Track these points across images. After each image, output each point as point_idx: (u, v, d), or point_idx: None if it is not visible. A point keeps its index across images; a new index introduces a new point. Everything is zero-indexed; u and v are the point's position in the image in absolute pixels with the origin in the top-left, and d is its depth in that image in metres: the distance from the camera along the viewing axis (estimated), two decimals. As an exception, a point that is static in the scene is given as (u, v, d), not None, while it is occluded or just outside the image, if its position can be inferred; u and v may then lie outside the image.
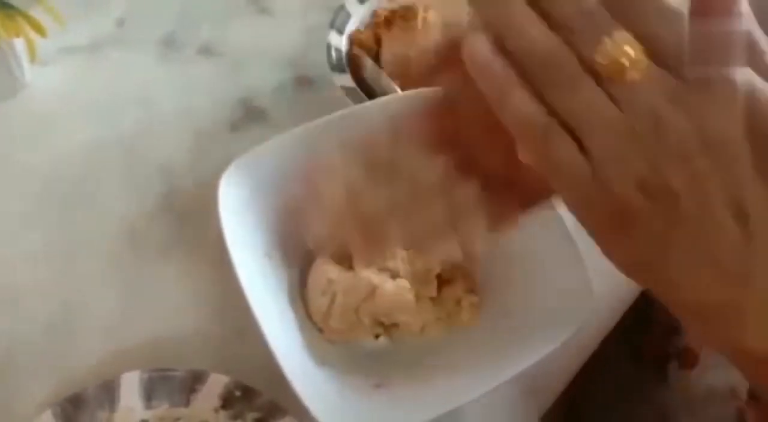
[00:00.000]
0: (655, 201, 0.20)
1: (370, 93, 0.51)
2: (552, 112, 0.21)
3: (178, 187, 0.49)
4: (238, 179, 0.40)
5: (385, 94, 0.49)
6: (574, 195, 0.21)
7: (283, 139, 0.41)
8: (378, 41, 0.54)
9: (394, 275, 0.41)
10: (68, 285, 0.44)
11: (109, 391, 0.40)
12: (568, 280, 0.39)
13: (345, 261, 0.42)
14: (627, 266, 0.22)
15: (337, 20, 0.54)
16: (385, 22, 0.54)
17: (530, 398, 0.44)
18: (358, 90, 0.50)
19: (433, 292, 0.42)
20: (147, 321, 0.43)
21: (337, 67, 0.51)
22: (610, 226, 0.21)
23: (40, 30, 0.47)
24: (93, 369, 0.41)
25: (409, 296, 0.41)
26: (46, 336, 0.42)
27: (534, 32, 0.21)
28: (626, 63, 0.20)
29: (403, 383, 0.39)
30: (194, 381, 0.40)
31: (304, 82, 0.55)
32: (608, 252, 0.22)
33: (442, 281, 0.43)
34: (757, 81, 0.20)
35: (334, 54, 0.52)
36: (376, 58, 0.53)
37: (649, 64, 0.20)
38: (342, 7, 0.54)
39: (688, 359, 0.49)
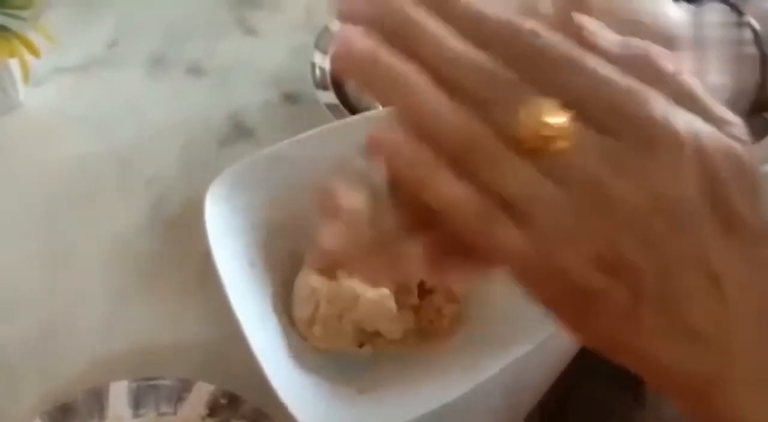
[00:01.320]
0: (614, 277, 0.18)
1: (353, 109, 0.52)
2: (483, 190, 0.18)
3: (167, 200, 0.50)
4: (224, 191, 0.41)
5: (367, 110, 0.51)
6: (525, 278, 0.19)
7: (269, 153, 0.42)
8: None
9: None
10: (57, 295, 0.45)
11: (97, 400, 0.41)
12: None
13: (328, 270, 0.43)
14: (595, 344, 0.20)
15: (321, 40, 0.56)
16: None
17: (512, 401, 0.45)
18: (342, 106, 0.52)
19: (415, 301, 0.43)
20: (135, 331, 0.44)
21: (321, 85, 0.53)
22: (570, 308, 0.19)
23: (34, 51, 0.48)
24: (81, 378, 0.42)
25: (391, 304, 0.42)
26: (35, 345, 0.43)
27: (444, 113, 0.18)
28: (549, 133, 0.18)
29: (385, 389, 0.40)
30: (181, 389, 0.41)
31: (289, 100, 0.57)
32: (572, 333, 0.20)
33: (424, 290, 0.44)
34: (699, 124, 0.18)
35: (318, 72, 0.54)
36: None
37: (577, 128, 0.18)
38: (326, 29, 0.56)
39: None
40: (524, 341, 0.39)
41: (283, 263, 0.44)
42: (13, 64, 0.50)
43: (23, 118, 0.53)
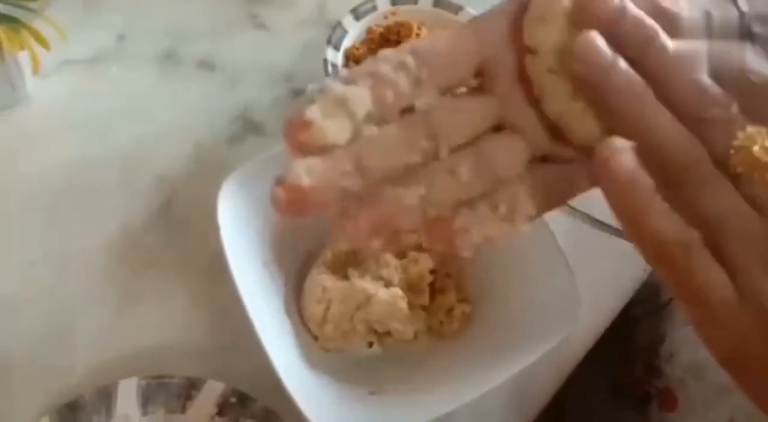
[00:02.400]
0: None
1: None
2: (688, 220, 0.18)
3: (176, 199, 0.50)
4: (236, 189, 0.41)
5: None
6: (719, 324, 0.18)
7: (282, 150, 0.42)
8: (373, 57, 0.55)
9: (388, 284, 0.42)
10: (66, 294, 0.45)
11: (105, 398, 0.40)
12: (557, 290, 0.41)
13: (340, 270, 0.43)
14: None
15: (334, 36, 0.55)
16: (379, 39, 0.56)
17: (520, 405, 0.44)
18: (354, 104, 0.51)
19: (426, 301, 0.43)
20: (144, 329, 0.44)
21: (333, 82, 0.52)
22: (763, 356, 0.18)
23: (43, 43, 0.47)
24: (90, 376, 0.42)
25: (402, 304, 0.41)
26: (43, 343, 0.43)
27: (667, 127, 0.18)
28: (763, 162, 0.18)
29: (396, 390, 0.40)
30: (190, 387, 0.41)
31: (300, 96, 0.56)
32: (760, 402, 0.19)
33: (435, 290, 0.44)
34: None
35: (330, 69, 0.53)
36: (371, 74, 0.54)
37: None
38: (339, 24, 0.56)
39: (668, 401, 0.48)
40: (536, 343, 0.39)
41: (296, 262, 0.44)
42: (22, 55, 0.50)
43: (31, 110, 0.53)
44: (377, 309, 0.41)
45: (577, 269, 0.41)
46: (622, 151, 0.18)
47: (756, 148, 0.18)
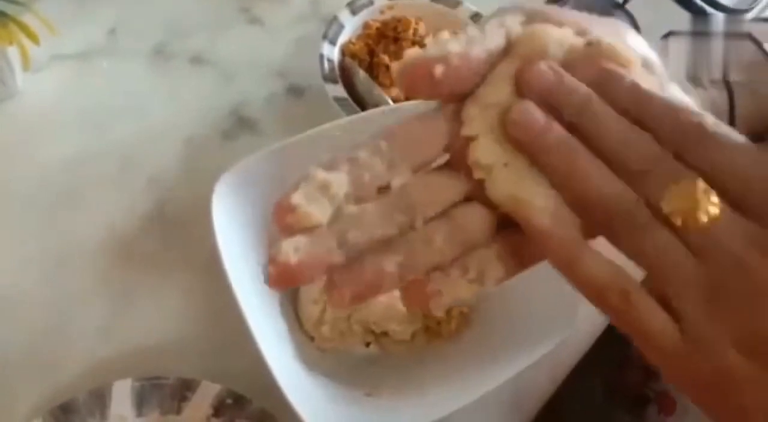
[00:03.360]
0: (760, 363, 0.18)
1: (362, 103, 0.51)
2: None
3: (169, 196, 0.49)
4: (230, 188, 0.40)
5: (377, 105, 0.50)
6: (665, 362, 0.19)
7: (276, 148, 0.41)
8: (370, 52, 0.55)
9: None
10: (58, 294, 0.44)
11: (100, 399, 0.40)
12: (555, 291, 0.40)
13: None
14: None
15: (330, 31, 0.54)
16: (376, 34, 0.55)
17: (518, 407, 0.44)
18: (350, 100, 0.51)
19: (423, 301, 0.43)
20: (138, 330, 0.43)
21: (329, 78, 0.52)
22: (713, 395, 0.19)
23: (33, 38, 0.47)
24: (83, 378, 0.41)
25: (400, 304, 0.41)
26: (36, 344, 0.42)
27: (600, 178, 0.20)
28: (697, 209, 0.18)
29: (392, 392, 0.40)
30: (185, 389, 0.41)
31: (295, 92, 0.56)
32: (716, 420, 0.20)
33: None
34: None
35: (326, 64, 0.52)
36: (369, 69, 0.54)
37: (723, 208, 0.19)
38: (335, 18, 0.55)
39: (667, 404, 0.48)
40: (534, 345, 0.39)
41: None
42: (12, 50, 0.49)
43: (22, 106, 0.52)
44: (374, 310, 0.40)
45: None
46: (539, 211, 0.20)
47: (690, 197, 0.19)
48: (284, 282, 0.20)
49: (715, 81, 0.30)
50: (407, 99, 0.47)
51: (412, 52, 0.22)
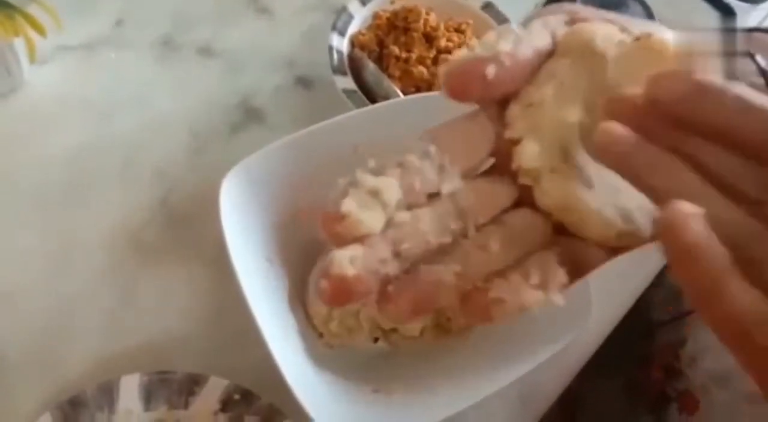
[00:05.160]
0: None
1: (371, 95, 0.51)
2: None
3: (176, 189, 0.49)
4: (238, 183, 0.39)
5: (387, 97, 0.49)
6: None
7: (285, 142, 0.41)
8: (380, 43, 0.54)
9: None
10: (66, 287, 0.44)
11: (107, 393, 0.40)
12: (568, 288, 0.40)
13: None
14: None
15: (339, 22, 0.54)
16: (386, 24, 0.54)
17: (527, 405, 0.44)
18: (359, 92, 0.50)
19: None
20: (145, 324, 0.43)
21: (338, 69, 0.51)
22: None
23: (39, 29, 0.46)
24: (91, 372, 0.41)
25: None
26: (44, 338, 0.42)
27: (721, 208, 0.18)
28: None
29: (401, 389, 0.39)
30: (193, 383, 0.40)
31: (303, 84, 0.55)
32: None
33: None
34: None
35: (335, 56, 0.52)
36: (378, 60, 0.53)
37: None
38: (344, 9, 0.54)
39: (689, 404, 0.47)
40: (546, 342, 0.38)
41: (300, 257, 0.43)
42: (18, 42, 0.48)
43: (28, 98, 0.51)
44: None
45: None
46: (691, 216, 0.17)
47: None
48: (339, 297, 0.19)
49: None
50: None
51: (460, 54, 0.21)
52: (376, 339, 0.42)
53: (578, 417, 0.51)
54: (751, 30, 0.30)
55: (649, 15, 0.58)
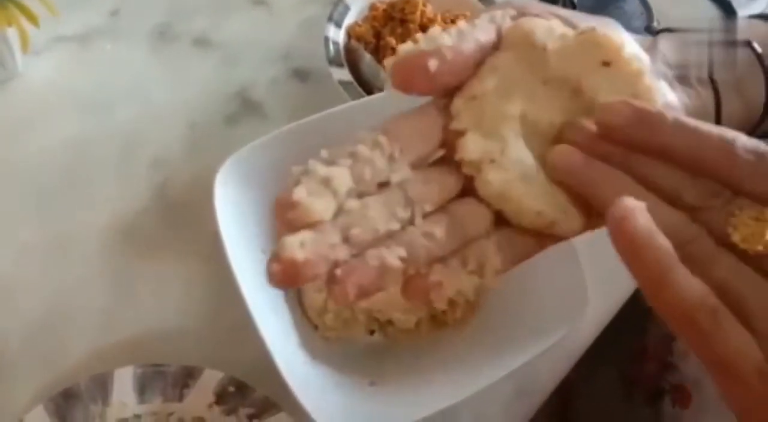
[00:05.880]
0: None
1: (368, 87, 0.50)
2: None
3: (172, 181, 0.48)
4: (233, 174, 0.39)
5: (383, 89, 0.49)
6: (750, 394, 0.18)
7: (280, 133, 0.40)
8: (377, 35, 0.53)
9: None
10: (60, 279, 0.44)
11: (101, 386, 0.39)
12: (563, 280, 0.39)
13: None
14: None
15: (336, 13, 0.53)
16: (383, 16, 0.54)
17: (523, 398, 0.44)
18: (356, 84, 0.50)
19: (429, 289, 0.42)
20: (140, 316, 0.43)
21: (334, 61, 0.51)
22: None
23: (32, 19, 0.46)
24: (85, 364, 0.41)
25: (405, 293, 0.40)
26: (38, 330, 0.42)
27: (664, 212, 0.20)
28: (764, 233, 0.19)
29: (397, 381, 0.39)
30: (187, 376, 0.40)
31: (300, 75, 0.55)
32: None
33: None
34: None
35: (332, 47, 0.51)
36: (375, 52, 0.53)
37: None
38: (341, 0, 0.54)
39: (682, 398, 0.48)
40: (542, 335, 0.38)
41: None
42: (11, 32, 0.48)
43: (22, 89, 0.51)
44: (378, 298, 0.40)
45: (583, 256, 0.40)
46: (637, 208, 0.19)
47: (755, 223, 0.19)
48: (288, 279, 0.19)
49: (702, 80, 0.29)
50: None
51: (405, 47, 0.21)
52: (372, 332, 0.42)
53: (574, 408, 0.51)
54: (751, 17, 0.30)
55: (647, 10, 0.57)
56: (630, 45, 0.25)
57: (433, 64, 0.21)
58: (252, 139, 0.40)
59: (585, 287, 0.38)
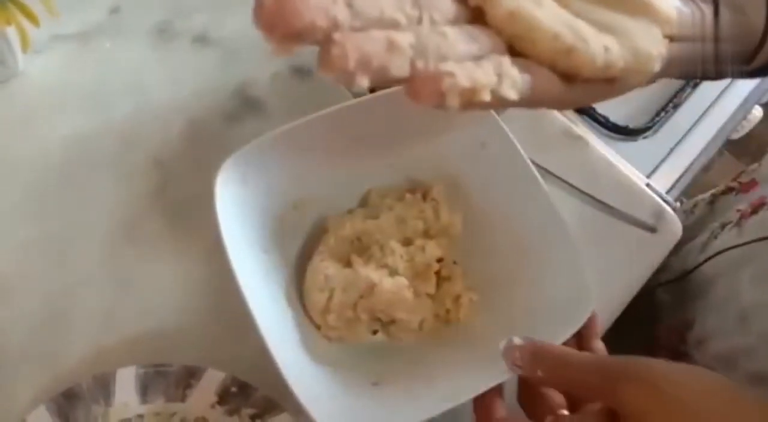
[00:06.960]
0: None
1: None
2: None
3: (173, 178, 0.48)
4: (234, 173, 0.39)
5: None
6: None
7: (281, 132, 0.40)
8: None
9: (393, 272, 0.41)
10: (61, 278, 0.43)
11: (104, 386, 0.39)
12: (567, 280, 0.39)
13: (343, 257, 0.42)
14: None
15: (337, 10, 0.53)
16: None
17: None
18: (357, 82, 0.49)
19: (432, 289, 0.42)
20: (141, 316, 0.43)
21: (335, 58, 0.50)
22: None
23: (32, 18, 0.45)
24: (86, 364, 0.41)
25: (408, 293, 0.40)
26: (39, 330, 0.42)
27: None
28: None
29: (400, 381, 0.39)
30: (190, 376, 0.40)
31: (300, 72, 0.54)
32: None
33: (441, 277, 0.43)
34: None
35: (332, 44, 0.51)
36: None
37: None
38: (341, -3, 0.53)
39: None
40: (547, 335, 0.38)
41: (297, 249, 0.42)
42: (11, 31, 0.47)
43: (22, 88, 0.51)
44: (381, 299, 0.39)
45: (588, 254, 0.39)
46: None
47: None
48: (279, 21, 0.17)
49: None
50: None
51: None
52: (374, 332, 0.42)
53: None
54: None
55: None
56: None
57: None
58: (252, 136, 0.40)
59: (589, 288, 0.38)
